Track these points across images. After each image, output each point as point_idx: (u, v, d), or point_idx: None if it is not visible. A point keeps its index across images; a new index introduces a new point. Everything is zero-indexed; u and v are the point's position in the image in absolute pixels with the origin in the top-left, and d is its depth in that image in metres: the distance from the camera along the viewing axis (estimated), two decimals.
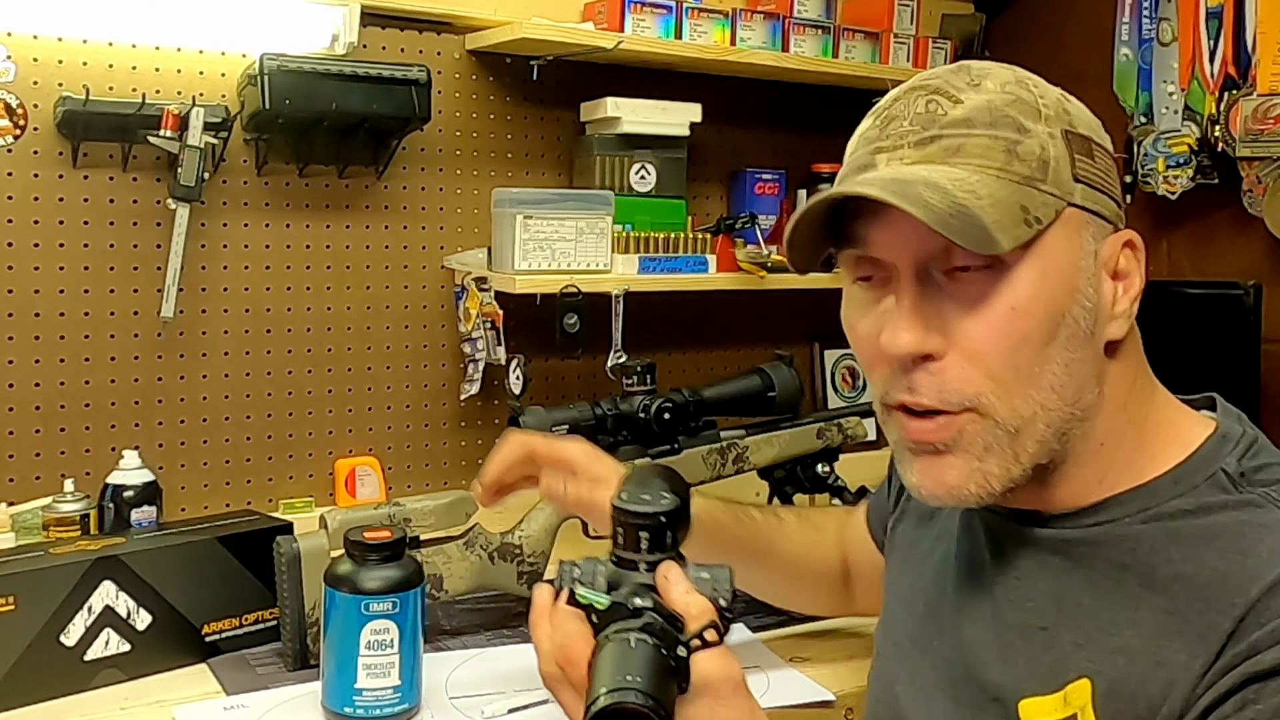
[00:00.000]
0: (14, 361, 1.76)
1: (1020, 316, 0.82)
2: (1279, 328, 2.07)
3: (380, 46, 1.99)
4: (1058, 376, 0.84)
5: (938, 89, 0.86)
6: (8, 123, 1.73)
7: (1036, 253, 0.82)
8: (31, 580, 1.40)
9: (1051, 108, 0.86)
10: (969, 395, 0.83)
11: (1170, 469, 0.87)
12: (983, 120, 0.83)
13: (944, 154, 0.83)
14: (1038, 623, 0.89)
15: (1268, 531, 0.80)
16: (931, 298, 0.84)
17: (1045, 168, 0.83)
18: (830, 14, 2.27)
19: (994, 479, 0.85)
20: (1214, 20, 2.12)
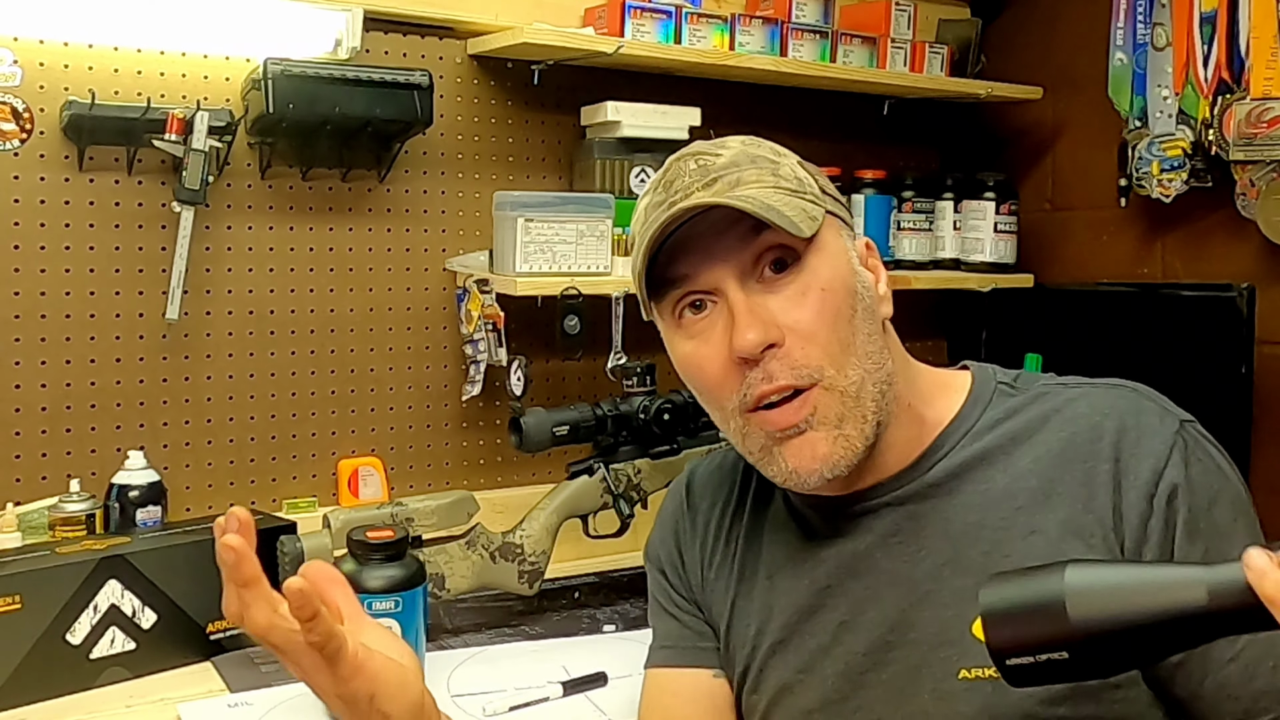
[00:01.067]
0: (20, 363, 1.76)
1: (829, 295, 0.97)
2: (1273, 330, 2.07)
3: (383, 51, 1.99)
4: (866, 344, 0.98)
5: (698, 153, 1.03)
6: (14, 126, 1.73)
7: (819, 246, 0.98)
8: (37, 579, 1.40)
9: (782, 151, 1.04)
10: (814, 368, 0.96)
11: (965, 401, 1.04)
12: (745, 161, 1.00)
13: (727, 187, 0.98)
14: (940, 560, 0.99)
15: (1076, 401, 1.00)
16: (757, 302, 0.97)
17: (802, 183, 1.00)
18: (828, 19, 2.27)
19: (855, 440, 0.97)
20: (1208, 25, 2.12)
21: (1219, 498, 0.95)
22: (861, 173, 2.39)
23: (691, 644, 1.17)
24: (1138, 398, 1.00)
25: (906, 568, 1.00)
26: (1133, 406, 0.98)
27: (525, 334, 2.07)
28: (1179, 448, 0.95)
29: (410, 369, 2.08)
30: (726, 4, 2.27)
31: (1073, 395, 1.01)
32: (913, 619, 0.99)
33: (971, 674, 0.95)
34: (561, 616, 1.74)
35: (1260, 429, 2.04)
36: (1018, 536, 0.96)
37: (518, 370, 2.01)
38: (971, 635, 0.94)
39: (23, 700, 1.38)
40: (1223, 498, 0.95)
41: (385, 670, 0.87)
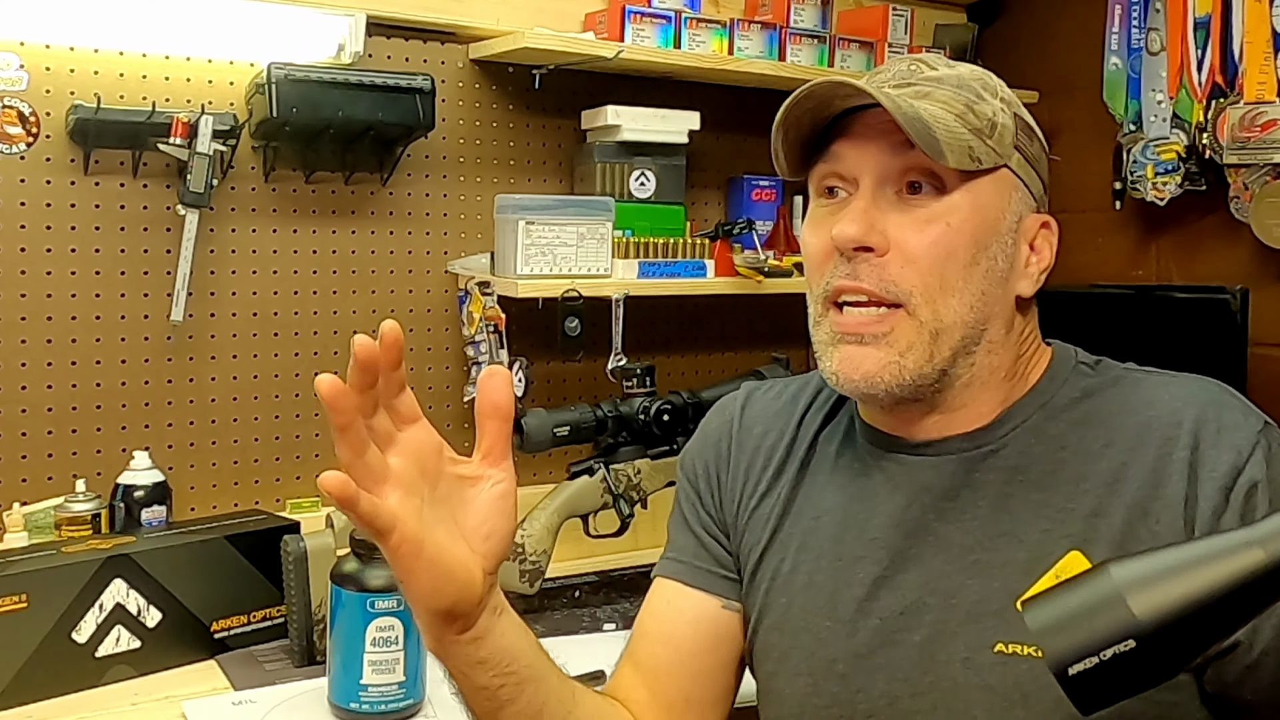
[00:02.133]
0: (26, 364, 1.76)
1: (952, 233, 0.95)
2: (1266, 332, 2.07)
3: (385, 56, 1.99)
4: (975, 298, 0.96)
5: (920, 59, 1.01)
6: (20, 130, 1.73)
7: (972, 189, 0.96)
8: (44, 578, 1.41)
9: (1007, 95, 1.01)
10: (903, 290, 0.95)
11: (1042, 375, 1.03)
12: (951, 82, 0.98)
13: (915, 95, 0.95)
14: (994, 532, 0.96)
15: (1155, 387, 0.99)
16: (883, 207, 0.96)
17: (993, 128, 0.97)
18: (826, 24, 2.27)
19: (907, 373, 0.95)
20: (1201, 30, 2.12)
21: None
22: None
23: (706, 566, 1.12)
24: (1221, 392, 0.98)
25: (957, 533, 0.98)
26: (1215, 399, 0.96)
27: (526, 335, 2.07)
28: (1262, 446, 0.93)
29: (412, 370, 2.08)
30: (725, 9, 2.27)
31: (1155, 382, 1.00)
32: (955, 585, 0.96)
33: (1009, 649, 0.92)
34: (562, 615, 1.74)
35: None
36: (1080, 517, 0.94)
37: (519, 371, 2.01)
38: (1014, 610, 0.90)
39: (29, 698, 1.38)
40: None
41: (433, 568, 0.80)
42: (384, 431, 0.83)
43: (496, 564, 0.86)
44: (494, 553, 0.85)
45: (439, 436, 0.86)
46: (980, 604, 0.94)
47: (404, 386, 0.83)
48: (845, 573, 1.02)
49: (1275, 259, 2.09)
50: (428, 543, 0.80)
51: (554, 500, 1.75)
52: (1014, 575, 0.93)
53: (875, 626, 0.99)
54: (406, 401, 0.85)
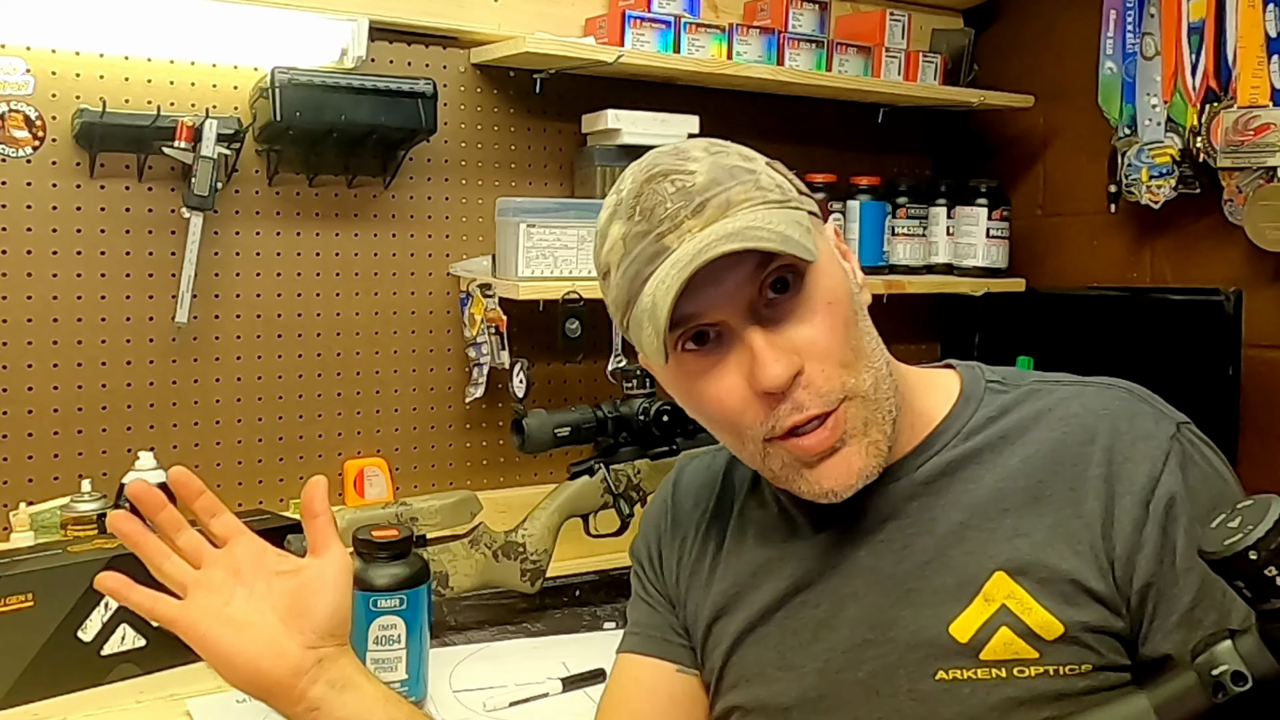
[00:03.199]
0: (33, 365, 1.76)
1: (835, 307, 0.93)
2: (1259, 333, 2.07)
3: (388, 60, 2.00)
4: (870, 343, 0.95)
5: (668, 171, 0.94)
6: (27, 134, 1.73)
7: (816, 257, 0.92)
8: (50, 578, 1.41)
9: (750, 155, 0.97)
10: (839, 387, 0.92)
11: (958, 398, 1.01)
12: (724, 176, 0.92)
13: (719, 211, 0.91)
14: (922, 560, 0.96)
15: (1067, 400, 0.98)
16: (772, 333, 0.91)
17: (783, 190, 0.94)
18: (824, 29, 2.28)
19: (881, 443, 0.94)
20: (1195, 35, 2.12)
21: (1219, 503, 0.88)
22: (856, 179, 2.39)
23: (660, 635, 1.12)
24: (1132, 399, 0.97)
25: (890, 565, 0.97)
26: (1127, 409, 0.95)
27: (527, 337, 2.07)
28: (1175, 453, 0.92)
29: (414, 371, 2.08)
30: (724, 14, 2.28)
31: (1065, 394, 0.98)
32: (893, 617, 0.95)
33: (949, 675, 0.92)
34: (562, 614, 1.74)
35: (1247, 430, 2.04)
36: (1003, 538, 0.93)
37: (520, 373, 2.01)
38: (949, 635, 0.92)
39: (35, 696, 1.38)
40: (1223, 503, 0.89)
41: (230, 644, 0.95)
42: (191, 548, 1.00)
43: (320, 639, 0.96)
44: (313, 629, 0.96)
45: (261, 544, 1.01)
46: (917, 633, 0.94)
47: (214, 513, 1.01)
48: (788, 621, 1.02)
49: (1268, 261, 2.09)
50: (212, 631, 0.94)
51: (555, 500, 1.75)
52: (946, 602, 0.93)
53: (820, 669, 0.98)
54: (221, 523, 1.01)
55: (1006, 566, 0.92)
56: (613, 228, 0.96)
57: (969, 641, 0.91)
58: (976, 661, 0.91)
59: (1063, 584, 0.90)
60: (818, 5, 2.26)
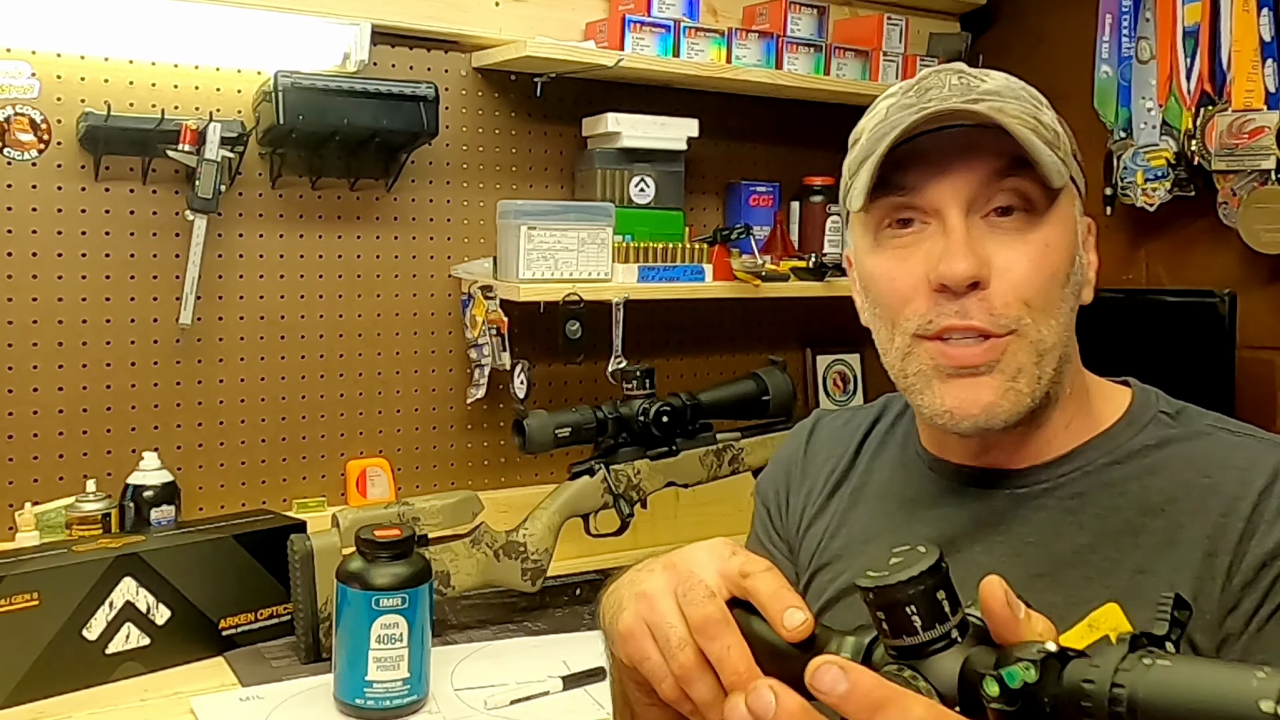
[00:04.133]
0: (38, 366, 1.76)
1: (1053, 252, 0.89)
2: (1253, 335, 2.07)
3: (390, 64, 2.00)
4: (1067, 315, 0.91)
5: (960, 70, 0.93)
6: (32, 137, 1.74)
7: (1058, 205, 0.90)
8: (55, 577, 1.41)
9: (1046, 102, 0.94)
10: (1014, 318, 0.88)
11: (1120, 416, 0.95)
12: (1011, 93, 0.91)
13: (990, 109, 0.87)
14: (1035, 571, 0.91)
15: (1233, 449, 0.90)
16: (977, 236, 0.88)
17: (1059, 138, 0.91)
18: (822, 33, 2.28)
19: (1024, 396, 0.89)
20: (1190, 39, 2.13)
21: None
22: None
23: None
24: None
25: (997, 566, 0.89)
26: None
27: (528, 339, 2.07)
28: None
29: (416, 373, 2.08)
30: (724, 18, 2.28)
31: (1233, 443, 0.91)
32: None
33: None
34: (563, 613, 1.74)
35: None
36: (1126, 571, 0.88)
37: (521, 374, 2.01)
38: None
39: (40, 694, 1.38)
40: None
41: None
42: None
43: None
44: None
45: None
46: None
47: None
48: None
49: (1262, 263, 2.09)
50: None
51: (555, 500, 1.75)
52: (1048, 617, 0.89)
53: None
54: None
55: (1123, 601, 0.83)
56: (884, 101, 0.94)
57: None
58: None
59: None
60: (816, 9, 2.27)
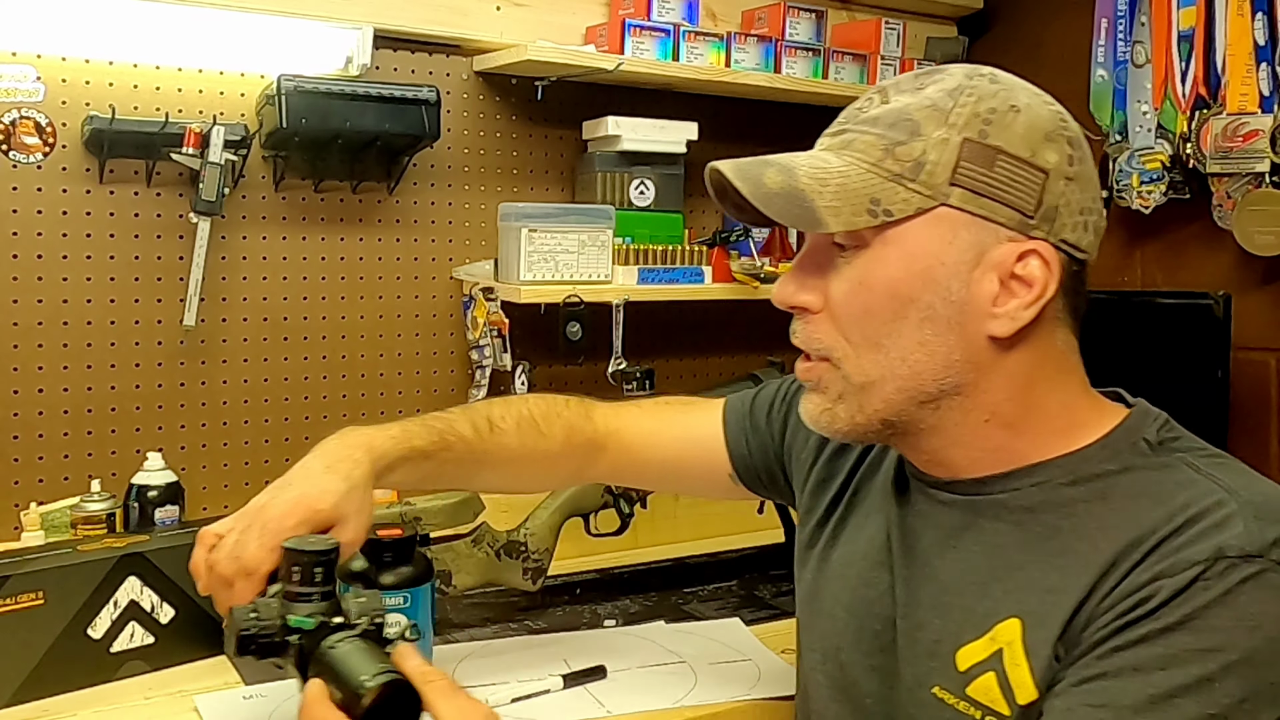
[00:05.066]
0: (43, 368, 1.76)
1: (863, 291, 0.90)
2: (1248, 336, 2.07)
3: (392, 68, 2.00)
4: (910, 351, 0.90)
5: (884, 88, 0.93)
6: (37, 141, 1.74)
7: (892, 240, 0.89)
8: (60, 576, 1.40)
9: (964, 118, 0.88)
10: (824, 346, 0.93)
11: (1100, 437, 0.92)
12: (886, 121, 0.90)
13: (839, 146, 0.91)
14: (972, 579, 0.93)
15: (1179, 484, 0.86)
16: (822, 264, 0.93)
17: (919, 169, 0.87)
18: (820, 37, 2.28)
19: (841, 420, 0.94)
20: (1185, 43, 2.13)
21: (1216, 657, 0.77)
22: None
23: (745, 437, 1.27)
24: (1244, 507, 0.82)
25: (945, 572, 0.96)
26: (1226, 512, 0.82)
27: (529, 340, 2.07)
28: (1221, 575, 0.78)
29: (418, 373, 2.08)
30: (723, 23, 2.28)
31: (1183, 479, 0.87)
32: (924, 620, 0.96)
33: (942, 694, 0.92)
34: (563, 612, 1.74)
35: (1236, 431, 2.04)
36: (1039, 589, 0.88)
37: (522, 375, 2.01)
38: (955, 657, 0.91)
39: (46, 692, 1.38)
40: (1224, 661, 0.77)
41: None
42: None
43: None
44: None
45: None
46: (936, 644, 0.94)
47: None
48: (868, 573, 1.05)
49: (1257, 265, 2.09)
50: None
51: (556, 499, 1.75)
52: (966, 625, 0.92)
53: (876, 631, 1.02)
54: None
55: (1023, 615, 0.88)
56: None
57: (965, 671, 0.91)
58: (963, 694, 0.90)
59: (1053, 651, 0.85)
60: (814, 14, 2.27)
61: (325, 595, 0.98)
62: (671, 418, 1.34)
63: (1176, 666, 0.77)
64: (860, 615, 1.03)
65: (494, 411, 1.27)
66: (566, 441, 1.29)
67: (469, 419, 1.24)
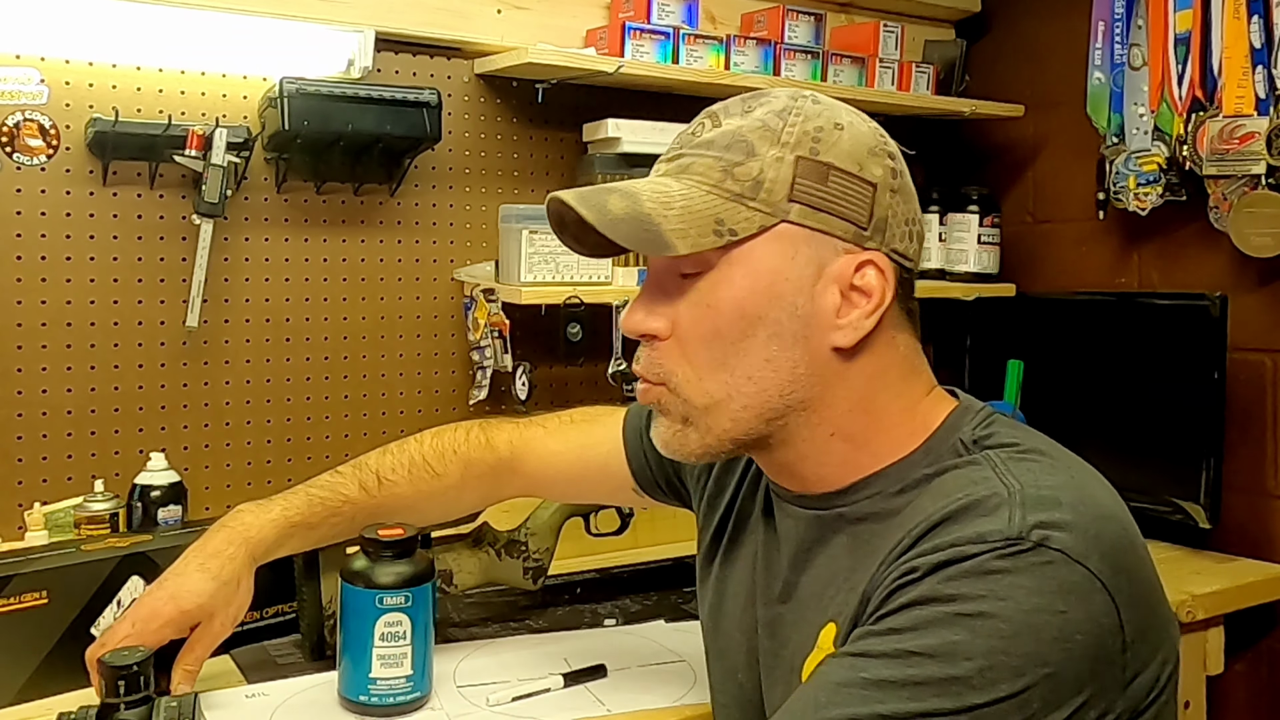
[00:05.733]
0: (47, 368, 1.77)
1: (712, 312, 0.90)
2: (1244, 337, 2.07)
3: (394, 70, 2.00)
4: (756, 369, 0.90)
5: (715, 112, 0.94)
6: (41, 143, 1.74)
7: (737, 260, 0.89)
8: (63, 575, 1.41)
9: (795, 137, 0.90)
10: (664, 371, 0.93)
11: (921, 444, 0.93)
12: (721, 144, 0.90)
13: (677, 170, 0.91)
14: (819, 591, 0.95)
15: (970, 480, 0.85)
16: (668, 290, 0.93)
17: (758, 187, 0.88)
18: (819, 40, 2.28)
19: (692, 443, 0.94)
20: (1182, 46, 2.13)
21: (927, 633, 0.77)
22: None
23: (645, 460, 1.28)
24: (1017, 498, 0.81)
25: (803, 586, 0.98)
26: (997, 503, 0.81)
27: (530, 341, 2.07)
28: (978, 554, 0.78)
29: (420, 374, 2.08)
30: (722, 25, 2.28)
31: (976, 476, 0.86)
32: (787, 635, 0.98)
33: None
34: (564, 611, 1.74)
35: (1232, 431, 2.05)
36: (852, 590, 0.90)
37: (522, 375, 2.01)
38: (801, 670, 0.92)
39: (49, 691, 1.38)
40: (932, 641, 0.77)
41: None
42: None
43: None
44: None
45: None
46: (794, 655, 0.96)
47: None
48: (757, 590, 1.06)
49: (1253, 266, 2.09)
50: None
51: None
52: (809, 636, 0.93)
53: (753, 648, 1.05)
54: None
55: (839, 620, 0.91)
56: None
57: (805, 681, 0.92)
58: None
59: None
60: (813, 17, 2.27)
61: (134, 704, 1.12)
62: (573, 436, 1.35)
63: (926, 629, 0.77)
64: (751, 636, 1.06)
65: (384, 464, 1.35)
66: (464, 474, 1.36)
67: (357, 479, 1.34)
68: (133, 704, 1.12)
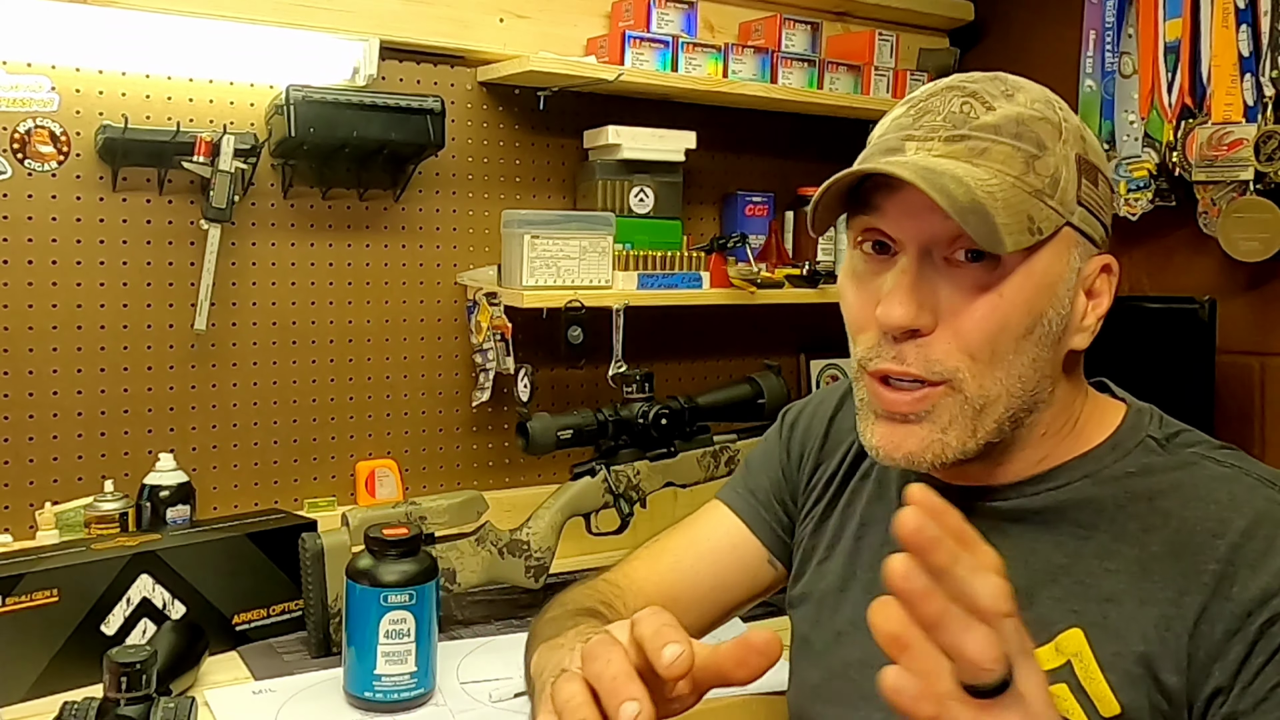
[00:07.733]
0: (58, 371, 1.77)
1: (1005, 304, 0.84)
2: (1233, 340, 2.07)
3: (398, 78, 2.00)
4: (1025, 368, 0.86)
5: (974, 93, 0.87)
6: (52, 149, 1.74)
7: (1033, 255, 0.85)
8: (74, 574, 1.41)
9: (1071, 133, 0.87)
10: (950, 369, 0.85)
11: (1105, 439, 0.92)
12: (1009, 130, 0.85)
13: (969, 154, 0.84)
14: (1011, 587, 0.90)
15: (1217, 483, 0.85)
16: (929, 278, 0.85)
17: (1056, 185, 0.85)
18: (816, 48, 2.28)
19: (950, 450, 0.87)
20: (1172, 54, 2.13)
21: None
22: None
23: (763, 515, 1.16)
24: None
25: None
26: (1275, 514, 0.82)
27: (531, 344, 2.08)
28: None
29: (423, 377, 2.08)
30: (720, 34, 2.28)
31: (1219, 476, 0.86)
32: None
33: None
34: None
35: (1221, 432, 2.04)
36: (1095, 598, 0.86)
37: (524, 378, 2.02)
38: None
39: (59, 688, 1.38)
40: None
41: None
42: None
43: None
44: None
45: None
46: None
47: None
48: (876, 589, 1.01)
49: (1241, 271, 2.09)
50: None
51: (558, 500, 1.75)
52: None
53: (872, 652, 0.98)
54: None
55: (1087, 626, 0.85)
56: (892, 113, 0.91)
57: None
58: None
59: (1135, 664, 0.83)
60: (809, 26, 2.27)
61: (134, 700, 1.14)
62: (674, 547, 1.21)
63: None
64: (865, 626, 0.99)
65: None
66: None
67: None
68: (133, 700, 1.14)
